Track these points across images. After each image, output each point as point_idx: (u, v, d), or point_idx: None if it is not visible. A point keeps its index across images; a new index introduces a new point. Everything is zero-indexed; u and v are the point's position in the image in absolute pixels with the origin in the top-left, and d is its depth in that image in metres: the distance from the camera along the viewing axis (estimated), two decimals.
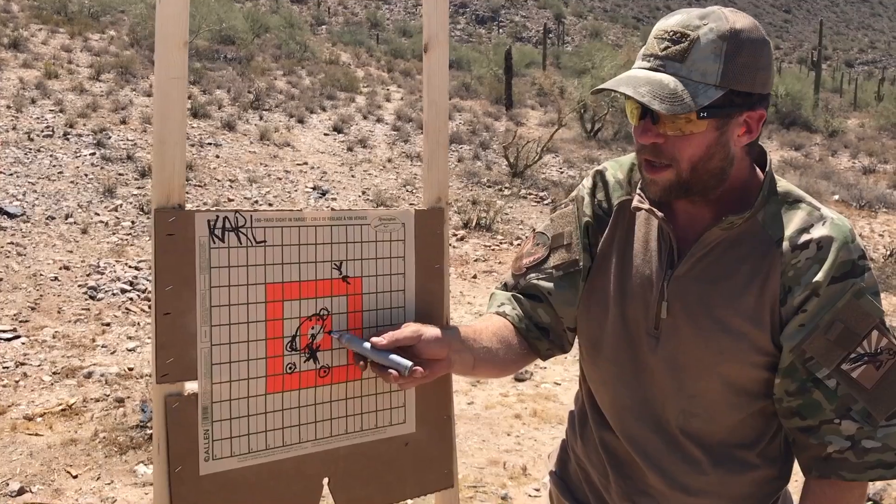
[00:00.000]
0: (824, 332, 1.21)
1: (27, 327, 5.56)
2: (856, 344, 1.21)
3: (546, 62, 30.70)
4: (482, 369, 1.37)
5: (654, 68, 1.20)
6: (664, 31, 1.21)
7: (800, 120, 22.03)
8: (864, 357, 1.21)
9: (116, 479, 3.72)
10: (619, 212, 1.41)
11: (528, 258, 1.46)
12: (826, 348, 1.21)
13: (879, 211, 12.54)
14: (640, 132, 1.23)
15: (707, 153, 1.22)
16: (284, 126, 13.23)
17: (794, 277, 1.23)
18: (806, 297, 1.22)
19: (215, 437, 1.23)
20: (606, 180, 1.44)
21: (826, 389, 1.22)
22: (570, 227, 1.43)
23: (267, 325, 1.25)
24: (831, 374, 1.21)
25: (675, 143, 1.21)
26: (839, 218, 1.27)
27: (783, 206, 1.28)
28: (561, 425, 4.58)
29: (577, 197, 1.47)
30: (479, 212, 9.90)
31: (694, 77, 1.17)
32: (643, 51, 1.24)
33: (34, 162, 9.12)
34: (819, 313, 1.21)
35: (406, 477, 1.40)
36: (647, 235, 1.36)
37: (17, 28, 16.31)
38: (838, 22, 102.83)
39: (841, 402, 1.22)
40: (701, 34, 1.18)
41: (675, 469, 1.35)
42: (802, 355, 1.22)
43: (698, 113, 1.17)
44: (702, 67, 1.17)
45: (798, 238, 1.24)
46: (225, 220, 1.22)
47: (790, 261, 1.23)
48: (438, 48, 1.38)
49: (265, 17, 25.52)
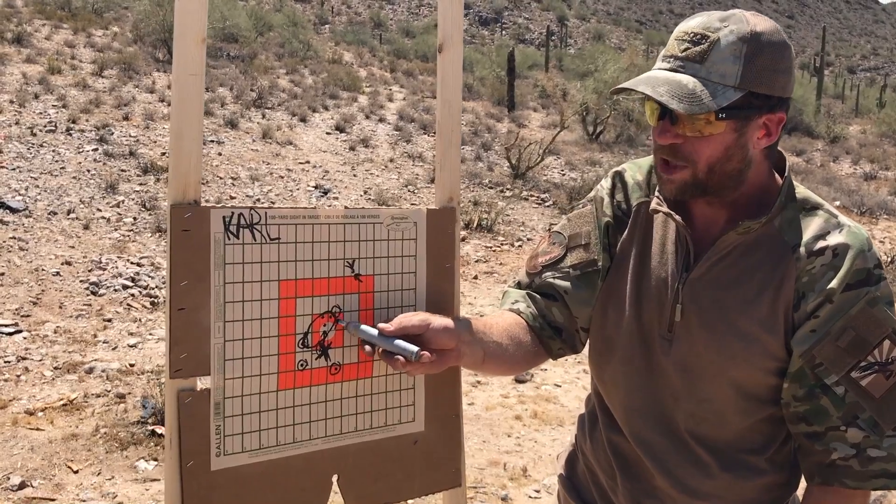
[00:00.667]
0: (835, 339, 1.21)
1: (29, 322, 5.56)
2: (867, 352, 1.20)
3: (549, 64, 30.73)
4: (491, 365, 1.36)
5: (674, 69, 1.20)
6: (685, 32, 1.21)
7: (801, 125, 22.05)
8: (874, 366, 1.21)
9: (117, 475, 3.73)
10: (638, 213, 1.41)
11: (543, 257, 1.46)
12: (836, 355, 1.21)
13: (881, 217, 12.55)
14: (659, 132, 1.23)
15: (725, 155, 1.22)
16: (287, 125, 13.24)
17: (809, 283, 1.23)
18: (819, 304, 1.22)
19: (227, 433, 1.23)
20: (625, 181, 1.44)
21: (834, 396, 1.22)
22: (589, 227, 1.43)
23: (280, 321, 1.26)
24: (840, 381, 1.21)
25: (693, 144, 1.21)
26: (856, 226, 1.26)
27: (801, 212, 1.28)
28: (561, 427, 4.59)
29: (596, 197, 1.47)
30: (481, 213, 9.90)
31: (713, 78, 1.17)
32: (663, 52, 1.24)
33: (37, 157, 9.12)
34: (831, 320, 1.21)
35: (414, 475, 1.41)
36: (665, 238, 1.36)
37: (20, 23, 16.32)
38: (841, 28, 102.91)
39: (848, 410, 1.22)
40: (721, 36, 1.18)
41: (683, 472, 1.35)
42: (812, 361, 1.22)
43: (717, 114, 1.18)
44: (721, 69, 1.17)
45: (814, 244, 1.24)
46: (240, 216, 1.22)
47: (805, 267, 1.23)
48: (453, 49, 1.39)
49: (269, 16, 25.55)
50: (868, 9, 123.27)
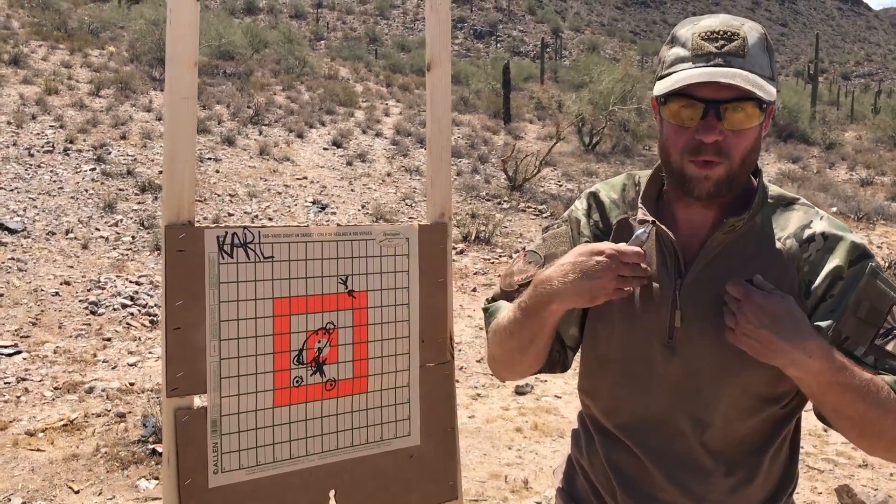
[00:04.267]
0: (854, 312, 1.25)
1: (28, 343, 5.57)
2: (882, 319, 1.25)
3: (544, 76, 30.87)
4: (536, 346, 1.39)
5: (720, 64, 1.21)
6: (710, 31, 1.23)
7: (797, 132, 22.12)
8: (892, 331, 1.25)
9: (118, 494, 3.72)
10: (618, 230, 1.42)
11: (519, 275, 1.46)
12: (858, 326, 1.25)
13: (877, 223, 12.58)
14: (704, 130, 1.22)
15: (754, 146, 1.26)
16: (284, 141, 13.28)
17: (811, 271, 1.27)
18: (830, 283, 1.26)
19: (224, 450, 1.24)
20: (601, 201, 1.46)
21: (867, 367, 1.24)
22: (565, 248, 1.43)
23: (275, 339, 1.27)
24: (868, 350, 1.25)
25: (732, 139, 1.24)
26: (831, 216, 1.33)
27: (778, 208, 1.33)
28: (562, 438, 4.59)
29: (571, 218, 1.48)
30: (479, 225, 9.93)
31: (756, 70, 1.21)
32: (692, 52, 1.23)
33: (34, 178, 9.15)
34: (846, 294, 1.25)
35: (411, 489, 1.42)
36: (650, 248, 1.37)
37: (17, 44, 16.39)
38: (834, 35, 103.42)
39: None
40: (747, 32, 1.23)
41: (688, 479, 1.35)
42: (839, 336, 1.25)
43: (760, 106, 1.22)
44: (759, 62, 1.22)
45: (802, 234, 1.29)
46: (234, 236, 1.24)
47: (802, 255, 1.28)
48: (441, 67, 1.41)
49: (264, 33, 25.64)
50: (861, 15, 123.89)
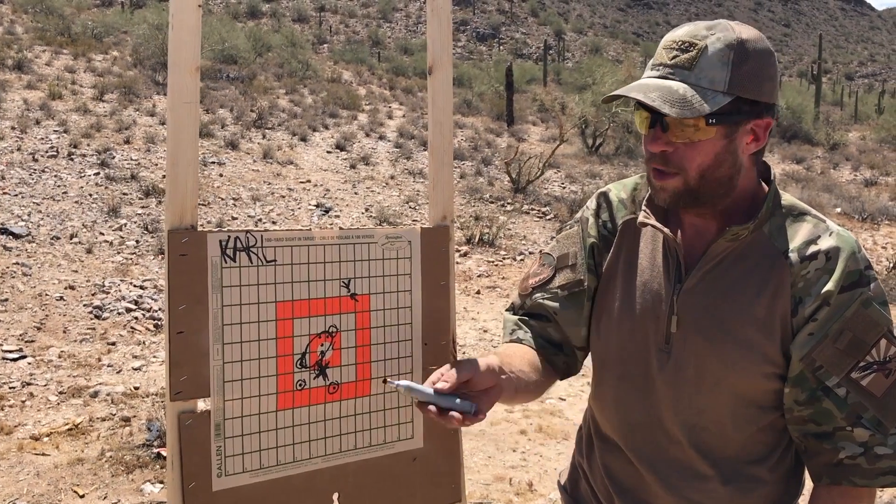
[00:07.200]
0: (833, 341, 1.22)
1: (33, 347, 5.58)
2: (864, 352, 1.22)
3: (547, 78, 30.89)
4: (522, 394, 1.36)
5: (664, 76, 1.22)
6: (672, 41, 1.23)
7: (801, 133, 22.10)
8: (873, 365, 1.22)
9: (123, 499, 3.73)
10: (624, 231, 1.42)
11: (534, 278, 1.48)
12: (835, 357, 1.22)
13: (882, 223, 12.55)
14: (650, 140, 1.24)
15: (716, 161, 1.23)
16: (287, 144, 13.31)
17: (805, 288, 1.25)
18: (817, 307, 1.23)
19: (228, 454, 1.25)
20: (610, 201, 1.46)
21: (836, 398, 1.23)
22: (575, 248, 1.45)
23: (277, 342, 1.28)
24: (841, 382, 1.22)
25: (684, 152, 1.23)
26: (844, 230, 1.28)
27: (788, 218, 1.30)
28: (566, 441, 4.58)
29: (582, 218, 1.49)
30: (482, 227, 9.93)
31: (703, 84, 1.19)
32: (651, 62, 1.26)
33: (39, 182, 9.18)
34: (829, 322, 1.23)
35: (415, 492, 1.42)
36: (654, 252, 1.37)
37: (21, 49, 16.44)
38: (837, 35, 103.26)
39: (851, 410, 1.23)
40: (709, 43, 1.20)
41: (685, 486, 1.35)
42: (812, 364, 1.23)
43: (707, 119, 1.19)
44: (710, 74, 1.19)
45: (806, 249, 1.26)
46: (236, 240, 1.24)
47: (799, 272, 1.25)
48: (442, 70, 1.41)
49: (267, 37, 25.70)
50: (864, 16, 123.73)
